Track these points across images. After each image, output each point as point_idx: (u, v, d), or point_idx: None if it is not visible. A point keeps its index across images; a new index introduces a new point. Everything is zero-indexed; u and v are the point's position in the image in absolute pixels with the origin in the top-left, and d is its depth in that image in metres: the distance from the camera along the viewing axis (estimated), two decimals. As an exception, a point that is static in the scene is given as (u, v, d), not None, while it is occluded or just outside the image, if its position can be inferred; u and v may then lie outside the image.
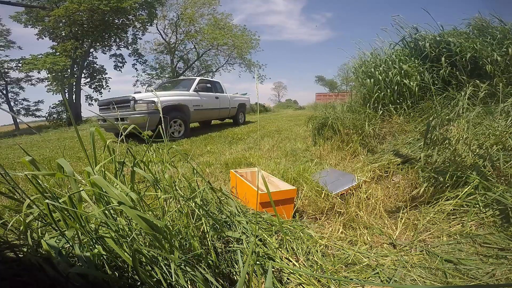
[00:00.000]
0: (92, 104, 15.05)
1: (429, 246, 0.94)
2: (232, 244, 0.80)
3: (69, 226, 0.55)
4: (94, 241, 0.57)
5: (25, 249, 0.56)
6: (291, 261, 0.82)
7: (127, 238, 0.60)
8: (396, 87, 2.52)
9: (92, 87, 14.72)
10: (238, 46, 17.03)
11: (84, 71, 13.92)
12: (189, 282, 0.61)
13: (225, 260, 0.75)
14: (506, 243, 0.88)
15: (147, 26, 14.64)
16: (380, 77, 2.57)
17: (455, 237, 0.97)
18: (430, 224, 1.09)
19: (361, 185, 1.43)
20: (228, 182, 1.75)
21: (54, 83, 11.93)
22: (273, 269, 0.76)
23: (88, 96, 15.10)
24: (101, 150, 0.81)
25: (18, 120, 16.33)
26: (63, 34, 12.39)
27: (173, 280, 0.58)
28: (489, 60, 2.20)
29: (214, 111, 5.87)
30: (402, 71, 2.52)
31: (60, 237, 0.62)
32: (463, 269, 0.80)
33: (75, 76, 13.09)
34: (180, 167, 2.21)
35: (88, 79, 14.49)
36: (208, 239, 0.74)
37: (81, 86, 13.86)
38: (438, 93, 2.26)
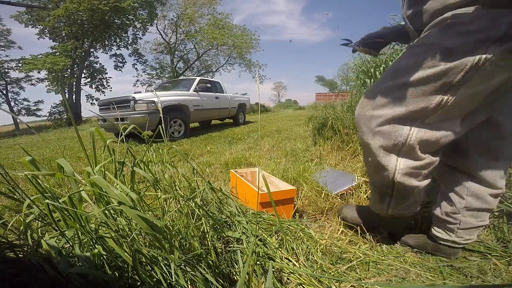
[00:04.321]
0: (94, 104, 15.11)
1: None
2: (232, 244, 0.80)
3: (69, 226, 0.55)
4: (94, 241, 0.58)
5: (25, 249, 0.56)
6: (291, 261, 0.82)
7: (127, 238, 0.60)
8: (396, 87, 2.51)
9: (93, 87, 14.75)
10: (238, 46, 17.03)
11: (84, 71, 13.93)
12: (189, 282, 0.61)
13: (225, 260, 0.75)
14: (493, 243, 0.91)
15: (147, 26, 14.65)
16: (380, 77, 2.57)
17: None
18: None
19: (361, 185, 1.43)
20: (228, 182, 1.75)
21: (54, 83, 11.93)
22: (273, 269, 0.76)
23: (89, 96, 15.12)
24: (101, 150, 0.81)
25: (18, 120, 16.34)
26: (63, 34, 12.40)
27: (173, 280, 0.58)
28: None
29: (214, 111, 5.87)
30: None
31: (60, 237, 0.62)
32: (456, 266, 0.83)
33: (75, 76, 13.10)
34: (180, 167, 2.21)
35: (89, 79, 14.51)
36: (208, 239, 0.74)
37: (81, 86, 13.88)
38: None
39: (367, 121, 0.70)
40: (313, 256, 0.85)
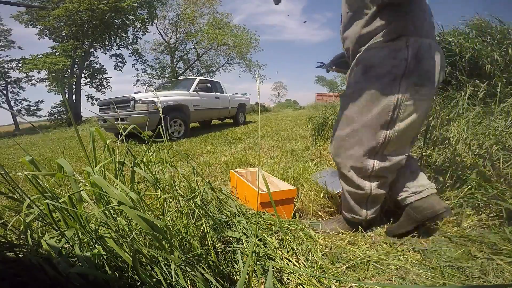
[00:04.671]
0: (94, 104, 15.12)
1: (427, 245, 0.94)
2: (232, 244, 0.80)
3: (69, 226, 0.55)
4: (94, 241, 0.57)
5: (25, 249, 0.56)
6: (291, 261, 0.82)
7: (127, 238, 0.60)
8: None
9: (94, 86, 14.74)
10: (238, 46, 17.02)
11: (84, 71, 13.92)
12: (189, 282, 0.61)
13: (225, 260, 0.75)
14: (501, 243, 0.90)
15: (147, 26, 14.64)
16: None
17: (452, 236, 0.97)
18: (429, 224, 1.09)
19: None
20: (228, 182, 1.75)
21: (54, 83, 11.92)
22: (273, 269, 0.76)
23: (90, 96, 15.10)
24: (101, 150, 0.81)
25: (19, 119, 16.34)
26: (63, 34, 12.40)
27: (173, 280, 0.58)
28: (489, 60, 2.20)
29: (214, 111, 5.87)
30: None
31: (60, 237, 0.62)
32: (458, 267, 0.82)
33: (75, 76, 13.09)
34: (180, 167, 2.21)
35: (89, 79, 14.50)
36: (208, 239, 0.74)
37: (81, 86, 13.87)
38: (438, 93, 2.25)
39: (343, 161, 0.93)
40: (313, 256, 0.84)
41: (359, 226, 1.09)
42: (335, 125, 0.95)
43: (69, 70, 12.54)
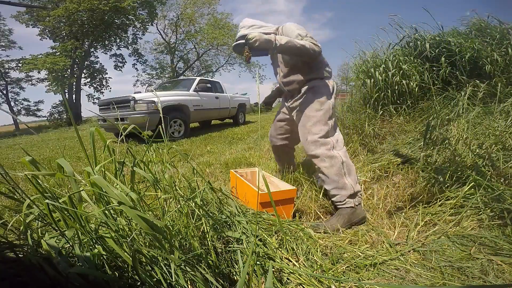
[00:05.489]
0: (95, 103, 15.09)
1: (427, 245, 0.94)
2: (232, 244, 0.80)
3: (69, 226, 0.55)
4: (94, 241, 0.57)
5: (25, 249, 0.56)
6: (291, 261, 0.82)
7: (127, 238, 0.60)
8: (396, 87, 2.51)
9: (94, 86, 14.72)
10: (238, 46, 16.95)
11: (84, 71, 13.90)
12: (189, 282, 0.61)
13: (225, 260, 0.75)
14: (501, 243, 0.89)
15: (147, 26, 14.63)
16: (380, 77, 2.56)
17: (452, 236, 0.97)
18: (429, 224, 1.09)
19: (361, 185, 1.43)
20: (228, 182, 1.75)
21: (54, 83, 11.91)
22: (273, 269, 0.76)
23: (90, 95, 15.07)
24: (101, 150, 0.81)
25: (17, 121, 16.32)
26: (64, 34, 12.39)
27: (173, 280, 0.58)
28: (488, 60, 2.20)
29: (214, 111, 5.87)
30: (402, 71, 2.52)
31: (60, 237, 0.62)
32: (458, 267, 0.82)
33: (75, 76, 13.08)
34: (180, 167, 2.21)
35: (88, 79, 14.48)
36: (208, 239, 0.74)
37: (81, 86, 13.86)
38: (438, 93, 2.25)
39: (312, 142, 1.26)
40: (313, 256, 0.85)
41: (358, 224, 1.09)
42: (300, 126, 1.34)
43: (69, 70, 12.53)
